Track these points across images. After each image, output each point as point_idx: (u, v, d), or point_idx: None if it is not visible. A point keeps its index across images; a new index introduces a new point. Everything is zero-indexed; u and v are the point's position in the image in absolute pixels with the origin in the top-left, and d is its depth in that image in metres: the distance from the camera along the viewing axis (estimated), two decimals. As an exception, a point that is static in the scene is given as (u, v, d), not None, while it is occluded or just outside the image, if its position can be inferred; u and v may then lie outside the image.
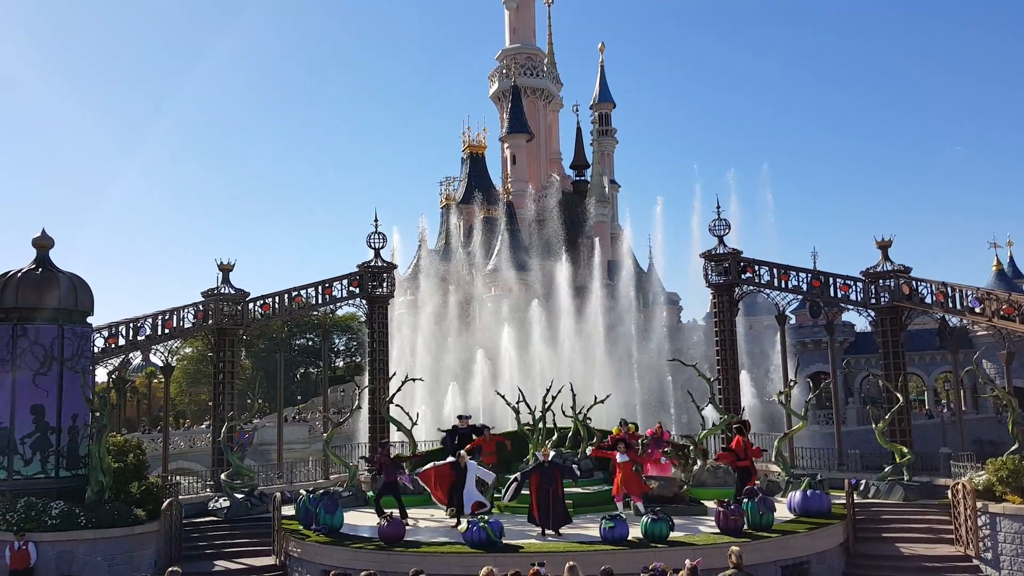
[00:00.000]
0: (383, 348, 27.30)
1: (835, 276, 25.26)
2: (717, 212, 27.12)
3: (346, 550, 16.88)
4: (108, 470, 18.53)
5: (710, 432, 23.13)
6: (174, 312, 24.60)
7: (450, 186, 63.20)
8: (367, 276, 27.28)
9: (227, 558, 19.35)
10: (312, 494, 18.78)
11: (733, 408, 25.11)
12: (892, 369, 23.81)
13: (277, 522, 19.02)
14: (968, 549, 17.72)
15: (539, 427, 23.36)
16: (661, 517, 16.28)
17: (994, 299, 22.14)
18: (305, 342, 67.60)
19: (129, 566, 17.71)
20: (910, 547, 18.55)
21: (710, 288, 26.81)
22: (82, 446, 18.89)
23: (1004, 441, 22.26)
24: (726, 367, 26.11)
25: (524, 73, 63.58)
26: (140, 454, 20.35)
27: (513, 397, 24.51)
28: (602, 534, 16.07)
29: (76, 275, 20.10)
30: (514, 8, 64.91)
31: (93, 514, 17.58)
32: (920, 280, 23.85)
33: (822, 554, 17.23)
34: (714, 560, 13.37)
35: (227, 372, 25.23)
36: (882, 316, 24.14)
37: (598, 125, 68.18)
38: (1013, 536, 16.87)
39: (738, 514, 16.77)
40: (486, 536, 15.92)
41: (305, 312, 28.20)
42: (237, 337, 25.77)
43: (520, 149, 61.87)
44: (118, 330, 23.45)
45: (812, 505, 18.34)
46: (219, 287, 25.44)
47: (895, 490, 20.90)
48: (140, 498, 18.83)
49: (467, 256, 55.39)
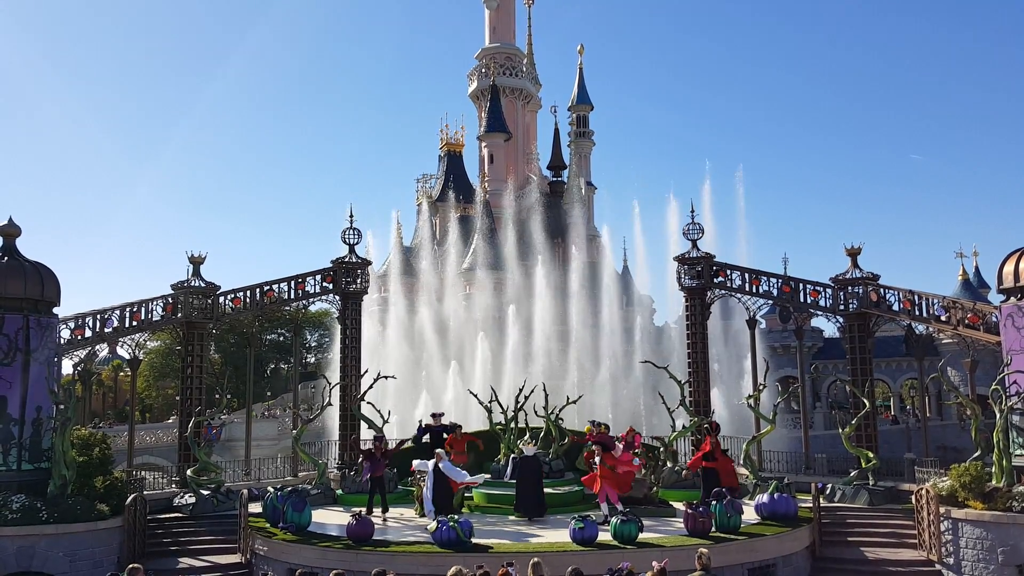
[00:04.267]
0: (356, 345, 27.11)
1: (805, 282, 25.56)
2: (691, 216, 27.34)
3: (313, 549, 16.73)
4: (72, 464, 18.20)
5: (680, 434, 23.30)
6: (142, 304, 24.20)
7: (427, 183, 62.92)
8: (341, 272, 27.07)
9: (192, 555, 19.10)
10: (280, 491, 18.61)
11: (703, 411, 25.30)
12: (859, 375, 24.13)
13: (244, 519, 18.81)
14: (931, 554, 18.00)
15: (511, 427, 23.36)
16: (630, 518, 16.35)
17: (959, 308, 22.53)
18: (276, 337, 66.84)
19: (91, 562, 17.41)
20: (874, 551, 18.81)
21: (683, 291, 26.99)
22: (45, 439, 18.52)
23: (967, 448, 22.73)
24: (697, 370, 26.30)
25: (503, 73, 63.53)
26: (105, 448, 20.02)
27: (486, 396, 24.48)
28: (572, 535, 16.10)
29: (43, 264, 19.70)
30: (494, 7, 64.82)
31: (55, 509, 17.26)
32: (888, 288, 24.21)
33: (788, 557, 17.42)
34: (682, 562, 13.44)
35: (195, 366, 24.90)
36: (850, 322, 24.47)
37: (576, 127, 68.38)
38: (975, 542, 17.15)
39: (706, 516, 16.89)
40: (455, 536, 15.87)
41: (277, 307, 27.92)
42: (206, 331, 25.44)
43: (498, 148, 61.82)
44: (85, 321, 23.01)
45: (779, 508, 18.54)
46: (189, 280, 25.08)
47: (860, 495, 21.20)
48: (104, 493, 18.53)
49: (442, 254, 55.18)
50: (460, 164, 63.20)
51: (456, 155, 63.13)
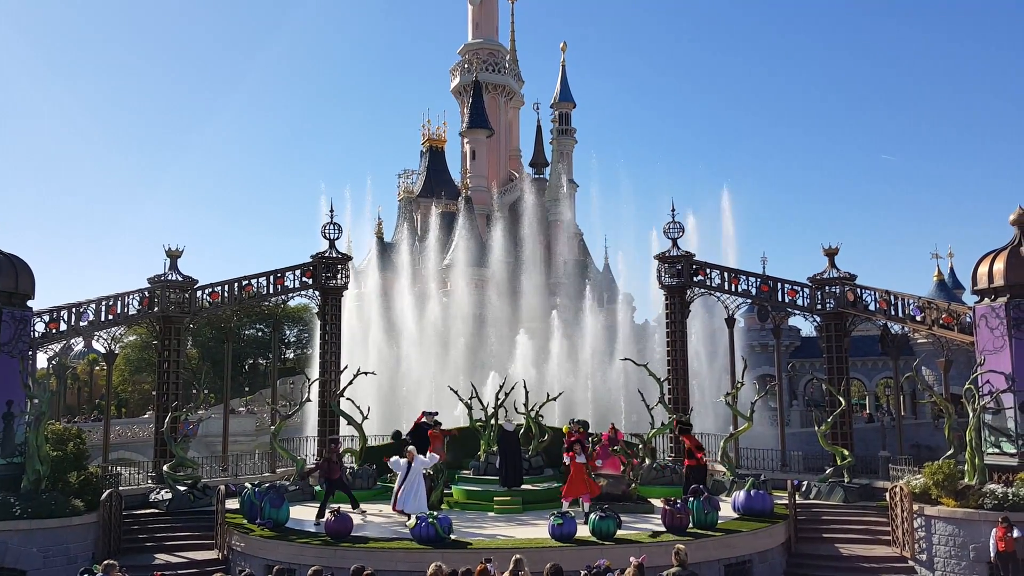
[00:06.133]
0: (335, 341, 26.97)
1: (783, 281, 25.79)
2: (672, 215, 27.48)
3: (291, 545, 16.65)
4: (46, 458, 18.00)
5: (659, 431, 23.42)
6: (118, 298, 23.92)
7: (408, 179, 62.72)
8: (321, 267, 26.91)
9: (168, 551, 18.96)
10: (258, 488, 18.49)
11: (682, 408, 25.48)
12: (835, 373, 24.40)
13: (221, 515, 18.69)
14: (904, 550, 18.27)
15: (491, 423, 23.39)
16: (608, 515, 16.44)
17: (934, 308, 22.84)
18: (255, 332, 66.35)
19: (65, 558, 17.24)
20: (849, 547, 19.06)
21: (663, 290, 27.14)
22: (19, 433, 18.30)
23: (941, 446, 23.04)
24: (676, 368, 26.46)
25: (486, 69, 63.45)
26: (80, 443, 19.82)
27: (466, 393, 24.47)
28: (551, 531, 16.16)
29: (17, 257, 19.45)
30: (477, 3, 64.68)
31: (29, 504, 17.07)
32: (864, 288, 24.49)
33: (764, 553, 17.60)
34: (659, 558, 13.53)
35: (172, 361, 24.67)
36: (827, 321, 24.73)
37: (558, 124, 68.31)
38: (947, 538, 17.43)
39: (683, 512, 17.02)
40: (434, 532, 15.87)
41: (256, 302, 27.71)
42: (183, 325, 25.21)
43: (480, 145, 61.72)
44: (60, 315, 22.68)
45: (755, 505, 18.72)
46: (166, 273, 24.83)
47: (836, 492, 21.44)
48: (78, 488, 18.35)
49: (423, 250, 55.05)
50: (442, 160, 63.05)
51: (438, 151, 62.98)
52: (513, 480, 20.86)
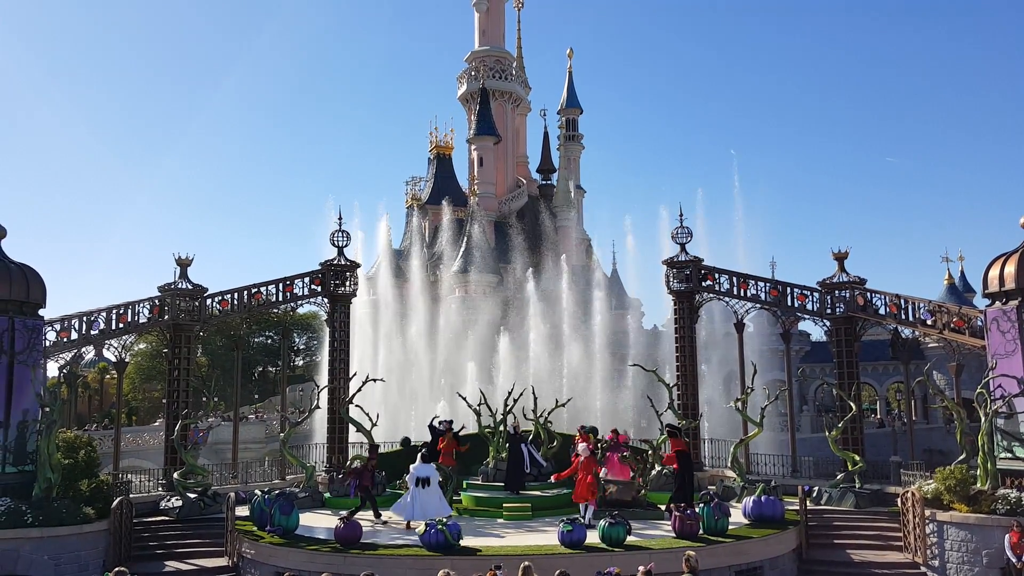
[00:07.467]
0: (344, 347, 27.03)
1: (793, 286, 25.68)
2: (680, 220, 27.41)
3: (301, 552, 16.68)
4: (57, 467, 18.07)
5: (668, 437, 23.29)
6: (129, 306, 24.05)
7: (416, 186, 62.87)
8: (329, 274, 26.98)
9: (178, 559, 18.99)
10: (267, 495, 18.53)
11: (692, 413, 25.38)
12: (846, 378, 24.28)
13: (231, 523, 18.71)
14: (916, 556, 18.13)
15: (499, 430, 23.36)
16: (618, 521, 16.37)
17: (945, 312, 22.71)
18: (264, 340, 66.55)
19: (77, 565, 17.30)
20: (860, 554, 18.93)
21: (672, 295, 27.07)
22: (30, 442, 18.38)
23: (953, 451, 22.89)
24: (685, 373, 26.38)
25: (493, 76, 63.56)
26: (91, 451, 19.89)
27: (475, 399, 24.45)
28: (560, 537, 16.11)
29: (28, 266, 19.56)
30: (484, 11, 64.88)
31: (40, 512, 17.13)
32: (874, 292, 24.38)
33: (775, 559, 17.50)
34: (670, 564, 13.50)
35: (182, 369, 24.76)
36: (837, 326, 24.61)
37: (565, 130, 68.47)
38: (960, 544, 17.30)
39: (694, 519, 16.94)
40: (444, 539, 15.85)
41: (265, 309, 27.79)
42: (193, 333, 25.30)
43: (487, 151, 61.83)
44: (71, 323, 22.83)
45: (766, 511, 18.63)
46: (176, 282, 24.94)
47: (847, 497, 21.31)
48: (89, 496, 18.40)
49: (432, 257, 55.09)
50: (449, 167, 63.18)
51: (445, 158, 63.12)
52: (514, 485, 21.05)
